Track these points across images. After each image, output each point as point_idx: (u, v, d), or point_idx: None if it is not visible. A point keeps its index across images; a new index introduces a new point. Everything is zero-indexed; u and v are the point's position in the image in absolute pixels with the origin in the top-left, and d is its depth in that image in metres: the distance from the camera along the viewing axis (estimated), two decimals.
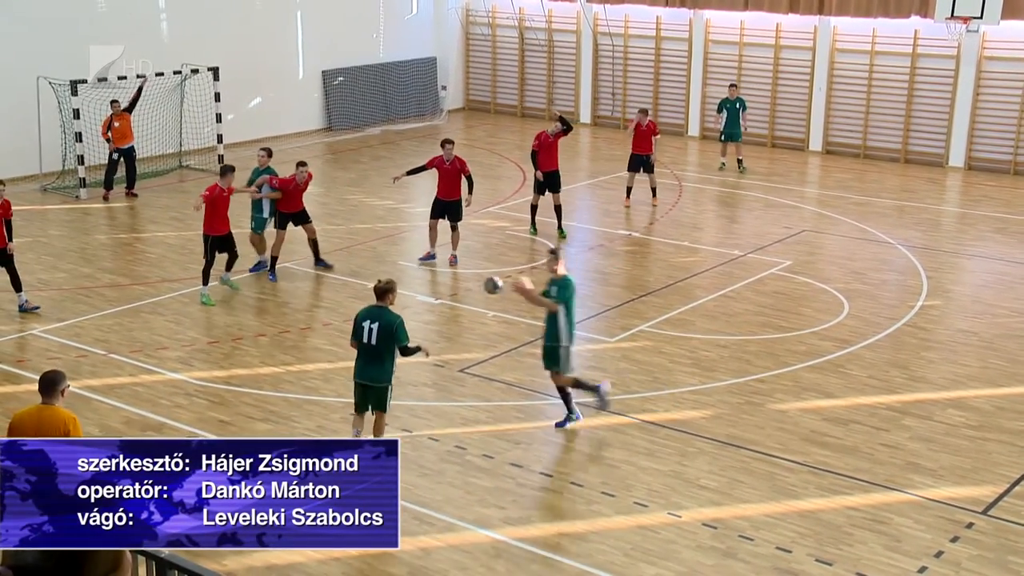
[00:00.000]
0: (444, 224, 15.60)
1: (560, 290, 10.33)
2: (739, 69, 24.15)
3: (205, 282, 13.79)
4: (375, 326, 9.51)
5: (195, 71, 20.84)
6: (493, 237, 17.14)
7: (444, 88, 27.35)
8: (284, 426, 10.67)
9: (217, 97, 20.78)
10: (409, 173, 15.87)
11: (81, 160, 18.80)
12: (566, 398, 10.64)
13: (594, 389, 10.66)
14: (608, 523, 9.08)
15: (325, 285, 14.69)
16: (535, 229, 17.15)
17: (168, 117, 21.12)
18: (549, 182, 16.75)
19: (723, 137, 21.49)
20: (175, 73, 20.68)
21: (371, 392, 9.64)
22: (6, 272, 13.26)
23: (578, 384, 10.56)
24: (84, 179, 18.91)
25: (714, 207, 19.70)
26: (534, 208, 17.18)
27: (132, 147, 18.94)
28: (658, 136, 18.87)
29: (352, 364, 9.91)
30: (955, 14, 20.52)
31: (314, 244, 15.07)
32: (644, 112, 18.94)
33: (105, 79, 18.76)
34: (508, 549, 8.69)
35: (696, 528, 9.01)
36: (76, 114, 18.59)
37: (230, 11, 22.66)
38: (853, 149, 23.34)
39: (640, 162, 18.64)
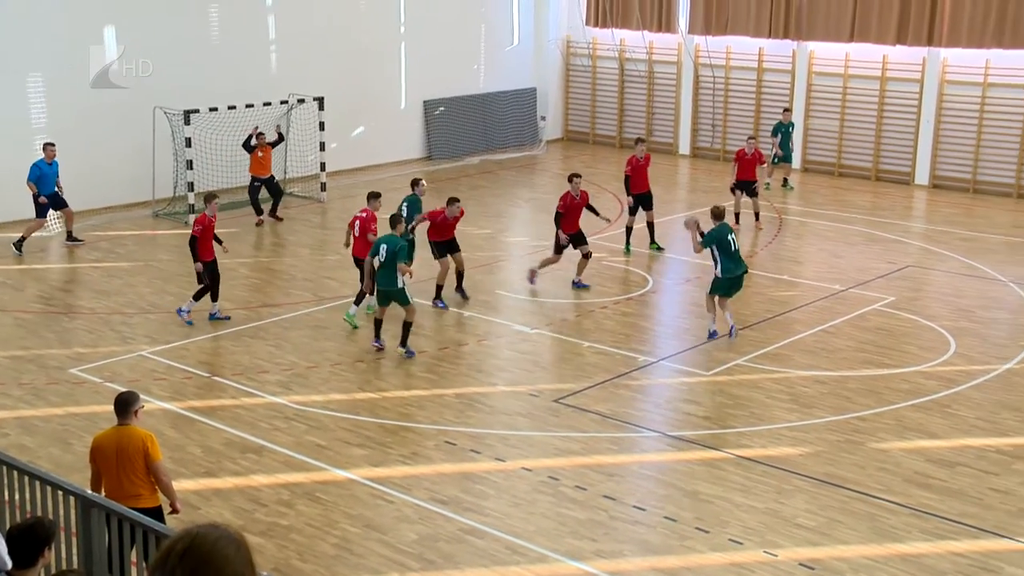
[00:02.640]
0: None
1: (704, 236, 13.78)
2: (843, 101, 23.79)
3: (358, 302, 14.26)
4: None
5: (301, 101, 21.45)
6: (590, 268, 17.16)
7: (543, 118, 27.57)
8: (379, 452, 10.84)
9: (321, 126, 21.35)
10: (595, 213, 16.28)
11: (191, 187, 19.49)
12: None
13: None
14: (702, 559, 8.98)
15: (423, 314, 14.91)
16: (629, 249, 17.81)
17: (278, 146, 21.71)
18: (642, 202, 17.86)
19: (775, 159, 21.84)
20: (282, 103, 21.32)
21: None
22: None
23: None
24: (193, 205, 19.56)
25: (815, 241, 19.39)
26: (629, 230, 17.95)
27: (273, 177, 19.80)
28: (764, 164, 19.84)
29: None
30: None
31: (459, 275, 15.31)
32: (750, 140, 19.70)
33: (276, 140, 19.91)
34: None
35: (793, 568, 8.84)
36: (188, 142, 19.31)
37: (336, 42, 23.29)
38: (961, 183, 22.73)
39: (744, 187, 19.29)
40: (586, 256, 15.90)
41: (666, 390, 12.62)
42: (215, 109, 19.93)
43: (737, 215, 19.19)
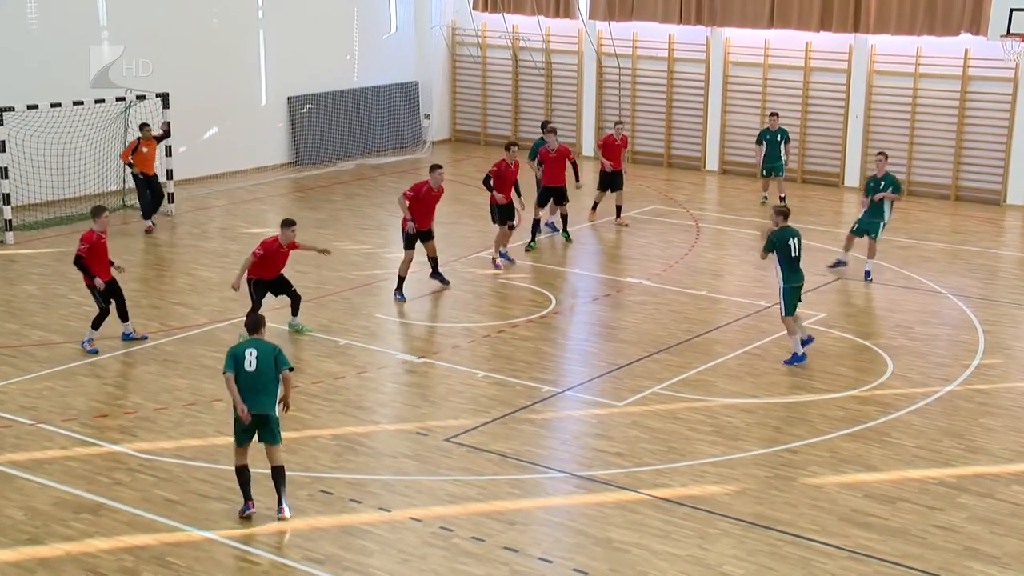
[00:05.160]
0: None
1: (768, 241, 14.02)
2: (763, 94, 24.46)
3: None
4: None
5: (141, 97, 21.04)
6: (483, 286, 17.22)
7: (427, 117, 27.63)
8: (242, 505, 10.63)
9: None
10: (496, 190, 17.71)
11: (7, 199, 18.91)
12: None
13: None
14: None
15: (291, 342, 14.72)
16: (533, 245, 19.04)
17: (110, 150, 21.28)
18: (556, 196, 19.12)
19: (764, 171, 21.86)
20: (118, 100, 20.88)
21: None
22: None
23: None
24: (10, 221, 19.00)
25: (736, 251, 19.82)
26: (536, 223, 19.15)
27: (156, 176, 19.70)
28: (626, 150, 20.81)
29: None
30: (1012, 31, 20.82)
31: (433, 261, 16.79)
32: (619, 124, 20.71)
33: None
34: None
35: None
36: (2, 147, 18.74)
37: (181, 30, 22.94)
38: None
39: (612, 179, 20.31)
40: (510, 228, 17.65)
41: (573, 424, 12.70)
42: (35, 107, 19.40)
43: (595, 205, 20.53)
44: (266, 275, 14.56)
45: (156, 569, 9.56)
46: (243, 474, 10.33)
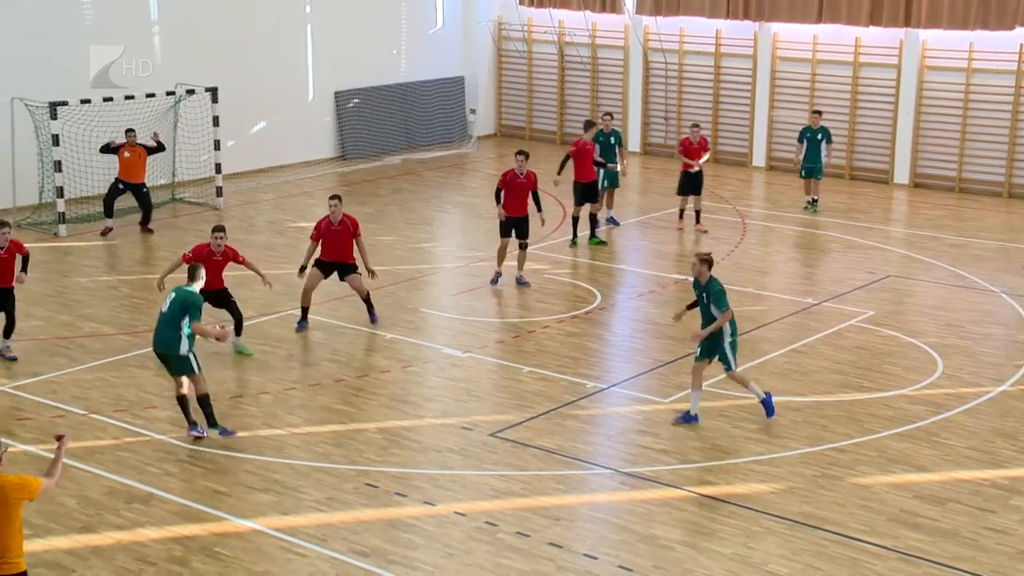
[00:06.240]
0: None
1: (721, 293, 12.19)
2: (812, 89, 24.26)
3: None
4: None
5: (191, 92, 21.25)
6: (530, 280, 17.21)
7: (473, 111, 27.68)
8: (289, 497, 10.74)
9: (216, 121, 21.16)
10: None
11: (60, 192, 19.16)
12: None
13: None
14: None
15: (338, 336, 14.82)
16: (576, 241, 18.80)
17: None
18: (587, 192, 18.65)
19: (803, 172, 21.42)
20: (168, 94, 21.10)
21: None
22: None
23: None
24: (63, 214, 19.25)
25: (783, 249, 19.70)
26: (575, 220, 18.85)
27: (143, 185, 19.38)
28: (708, 154, 20.07)
29: None
30: None
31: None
32: (695, 127, 20.11)
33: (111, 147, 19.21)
34: None
35: None
36: (56, 140, 18.99)
37: (231, 24, 23.13)
38: (946, 182, 23.30)
39: (689, 183, 19.78)
40: (523, 248, 16.73)
41: (618, 420, 12.69)
42: (88, 101, 19.63)
43: (681, 211, 19.97)
44: (204, 284, 13.55)
45: (204, 559, 9.67)
46: (184, 402, 11.80)
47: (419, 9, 26.71)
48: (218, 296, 13.95)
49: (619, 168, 19.70)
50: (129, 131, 19.03)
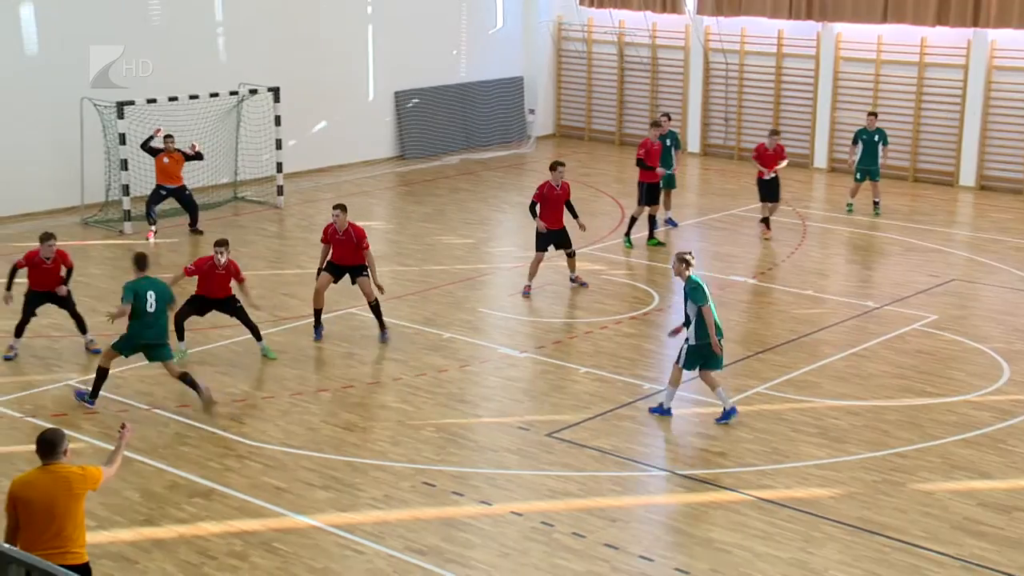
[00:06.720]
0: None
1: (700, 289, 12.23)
2: (875, 91, 23.98)
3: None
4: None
5: (253, 91, 21.49)
6: (586, 282, 17.19)
7: (532, 112, 27.69)
8: (347, 495, 10.82)
9: (277, 121, 21.39)
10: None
11: (126, 190, 19.47)
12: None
13: None
14: None
15: (396, 335, 14.90)
16: (629, 243, 18.75)
17: (222, 143, 21.78)
18: (652, 193, 18.61)
19: (858, 175, 21.20)
20: (231, 94, 21.35)
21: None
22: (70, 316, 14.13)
23: None
24: (129, 211, 19.56)
25: (844, 251, 19.49)
26: (633, 220, 18.90)
27: (183, 187, 19.42)
28: (784, 162, 19.65)
29: None
30: None
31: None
32: (774, 134, 19.80)
33: (153, 147, 19.25)
34: None
35: None
36: (122, 139, 19.30)
37: (293, 25, 23.35)
38: (1013, 184, 22.91)
39: (766, 189, 19.49)
40: (571, 256, 16.63)
41: (676, 422, 12.63)
42: (154, 101, 19.93)
43: (766, 220, 19.54)
44: (209, 293, 13.90)
45: (263, 554, 9.78)
46: (184, 378, 12.47)
47: (479, 9, 26.77)
48: (224, 304, 13.96)
49: (673, 171, 19.60)
50: (168, 137, 19.11)
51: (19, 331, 13.98)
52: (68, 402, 12.79)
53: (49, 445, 7.74)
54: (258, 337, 14.12)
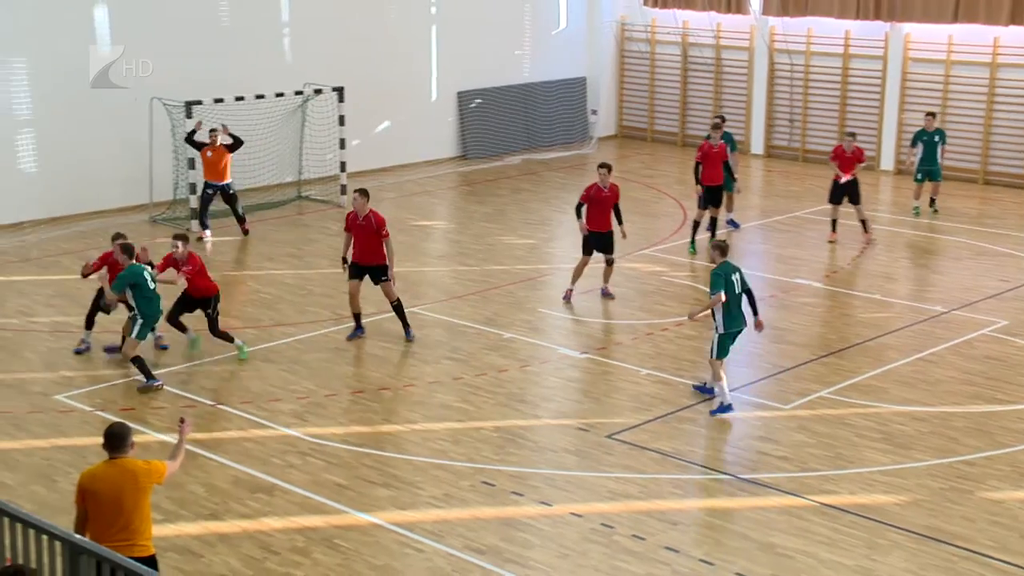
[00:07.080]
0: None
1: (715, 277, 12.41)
2: (945, 92, 23.60)
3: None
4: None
5: (318, 91, 21.67)
6: (648, 283, 17.13)
7: (595, 112, 27.63)
8: (407, 493, 10.86)
9: (341, 120, 21.54)
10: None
11: (193, 189, 19.73)
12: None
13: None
14: None
15: (457, 334, 14.95)
16: (694, 248, 18.37)
17: (287, 142, 21.99)
18: (712, 197, 18.27)
19: (919, 176, 20.89)
20: (296, 94, 21.55)
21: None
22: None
23: None
24: (196, 209, 19.80)
25: (911, 255, 19.21)
26: (696, 225, 18.53)
27: (229, 184, 19.27)
28: (862, 165, 19.28)
29: None
30: None
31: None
32: (849, 136, 19.52)
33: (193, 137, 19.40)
34: None
35: None
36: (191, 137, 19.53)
37: (357, 26, 23.51)
38: None
39: (842, 192, 19.07)
40: (609, 263, 16.23)
41: (737, 426, 12.53)
42: (221, 100, 20.17)
43: (834, 222, 19.18)
44: (195, 292, 13.87)
45: (325, 550, 9.85)
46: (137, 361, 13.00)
47: (542, 10, 26.77)
48: (205, 303, 13.96)
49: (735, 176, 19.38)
50: (212, 131, 19.21)
51: (89, 323, 14.15)
52: (137, 396, 12.98)
53: (116, 439, 7.86)
54: (230, 340, 14.05)
